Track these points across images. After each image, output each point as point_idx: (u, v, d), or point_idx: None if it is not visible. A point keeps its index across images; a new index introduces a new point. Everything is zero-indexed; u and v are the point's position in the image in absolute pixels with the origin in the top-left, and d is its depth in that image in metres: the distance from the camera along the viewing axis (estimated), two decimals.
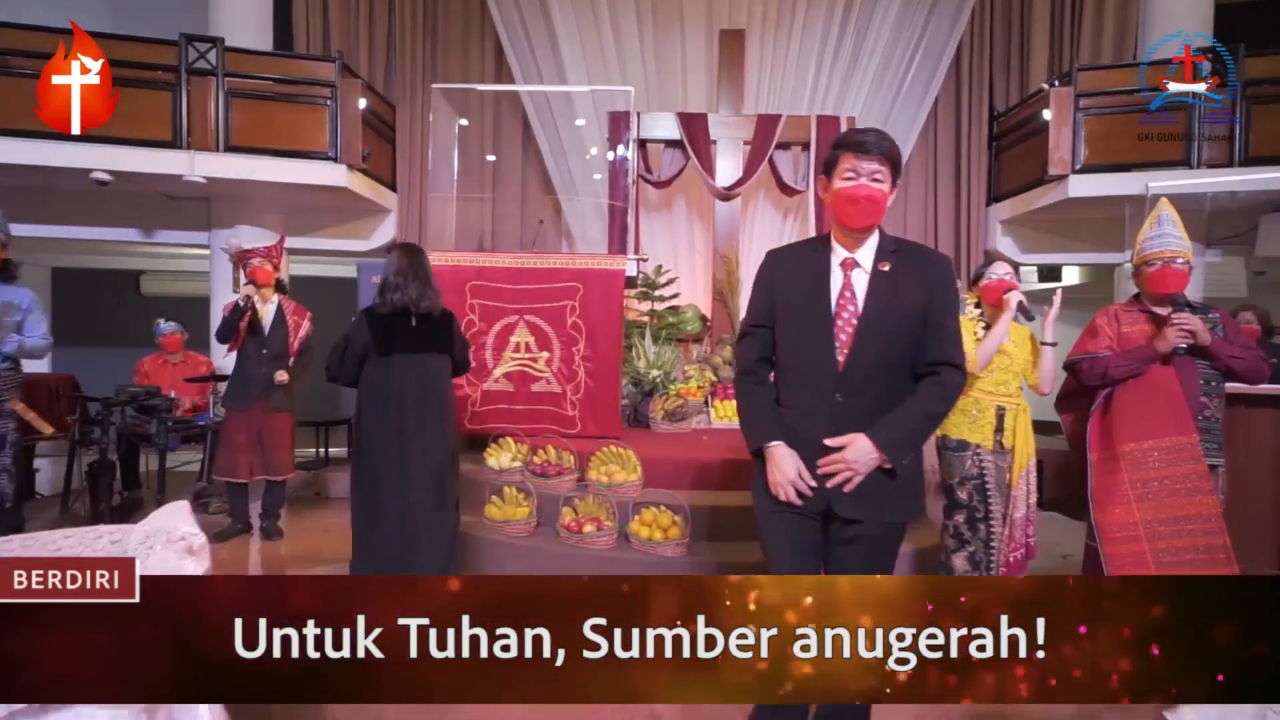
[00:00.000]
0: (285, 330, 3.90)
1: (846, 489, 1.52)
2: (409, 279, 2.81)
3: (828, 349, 1.55)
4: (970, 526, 2.52)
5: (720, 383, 5.15)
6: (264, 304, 3.88)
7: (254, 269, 3.86)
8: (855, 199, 1.54)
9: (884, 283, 1.59)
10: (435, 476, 2.80)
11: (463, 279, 4.05)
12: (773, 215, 6.23)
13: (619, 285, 4.03)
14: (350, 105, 5.04)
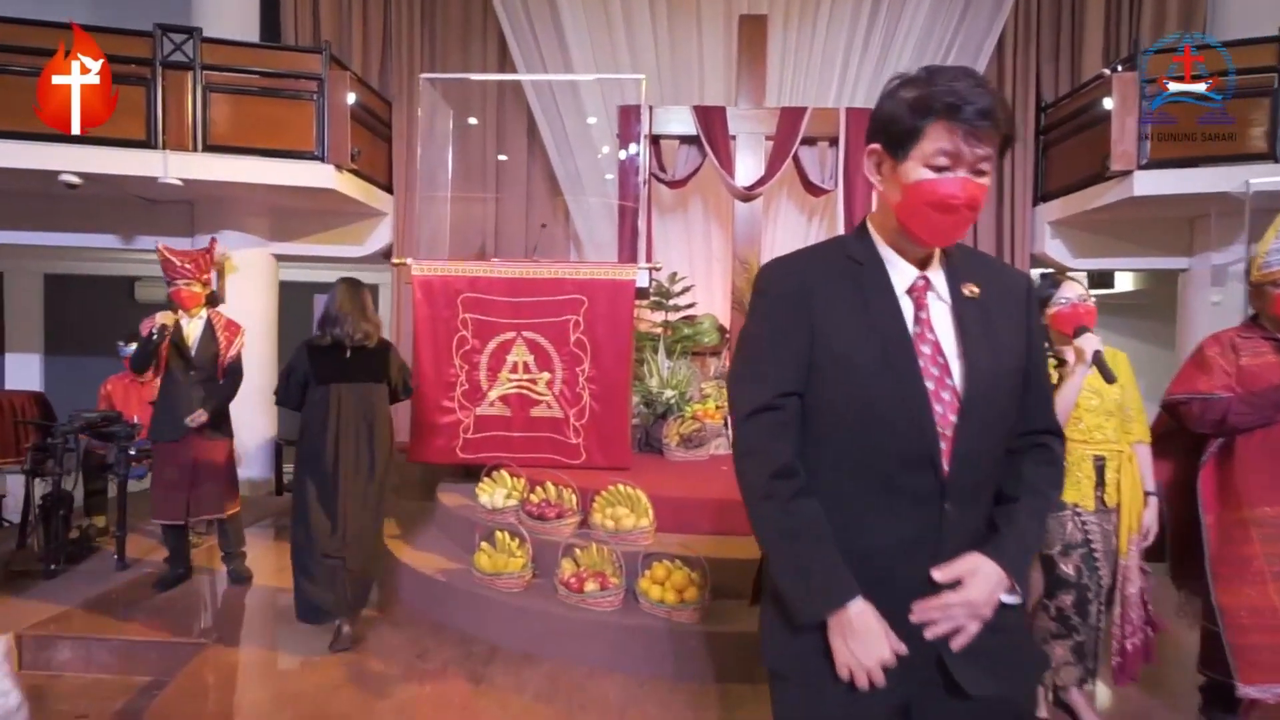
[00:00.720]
0: (215, 348, 3.47)
1: (957, 645, 0.99)
2: (347, 314, 2.96)
3: (923, 432, 0.99)
4: (1080, 610, 2.03)
5: None
6: (190, 320, 3.47)
7: (177, 292, 3.43)
8: (951, 203, 0.96)
9: (977, 317, 1.04)
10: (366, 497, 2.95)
11: (454, 291, 3.63)
12: (797, 217, 5.76)
13: (629, 297, 3.59)
14: (338, 100, 4.63)
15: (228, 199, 5.19)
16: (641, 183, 4.64)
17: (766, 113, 5.18)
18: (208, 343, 3.46)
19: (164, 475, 3.36)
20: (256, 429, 5.36)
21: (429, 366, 3.67)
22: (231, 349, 3.51)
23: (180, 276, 3.41)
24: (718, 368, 5.03)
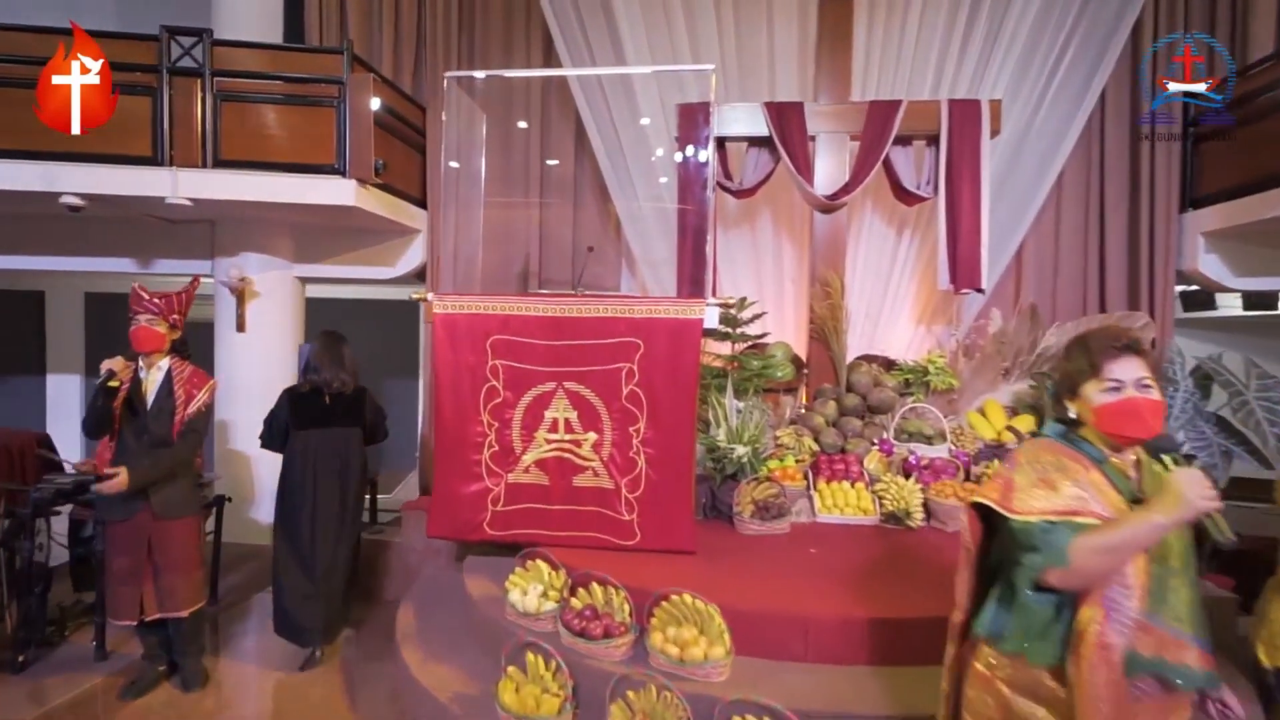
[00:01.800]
0: (172, 405, 2.92)
1: None
2: (325, 364, 3.32)
3: None
4: None
5: (824, 453, 3.94)
6: (148, 370, 2.93)
7: (135, 330, 2.90)
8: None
9: None
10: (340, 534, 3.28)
11: (482, 332, 3.00)
12: (884, 230, 4.95)
13: (694, 341, 2.89)
14: (361, 106, 4.09)
15: (250, 219, 4.73)
16: (709, 194, 3.92)
17: (852, 108, 4.41)
18: (164, 398, 2.92)
19: (116, 564, 2.83)
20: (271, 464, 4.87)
21: (451, 422, 3.05)
22: (191, 404, 2.96)
23: (144, 311, 2.88)
24: (793, 409, 4.28)
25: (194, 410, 3.01)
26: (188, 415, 2.98)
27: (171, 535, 2.92)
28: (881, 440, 3.94)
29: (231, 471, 4.80)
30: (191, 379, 3.05)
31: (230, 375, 4.81)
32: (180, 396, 2.98)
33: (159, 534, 2.88)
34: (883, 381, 4.25)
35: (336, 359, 3.30)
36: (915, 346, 4.98)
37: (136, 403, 2.92)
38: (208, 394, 3.08)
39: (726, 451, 3.47)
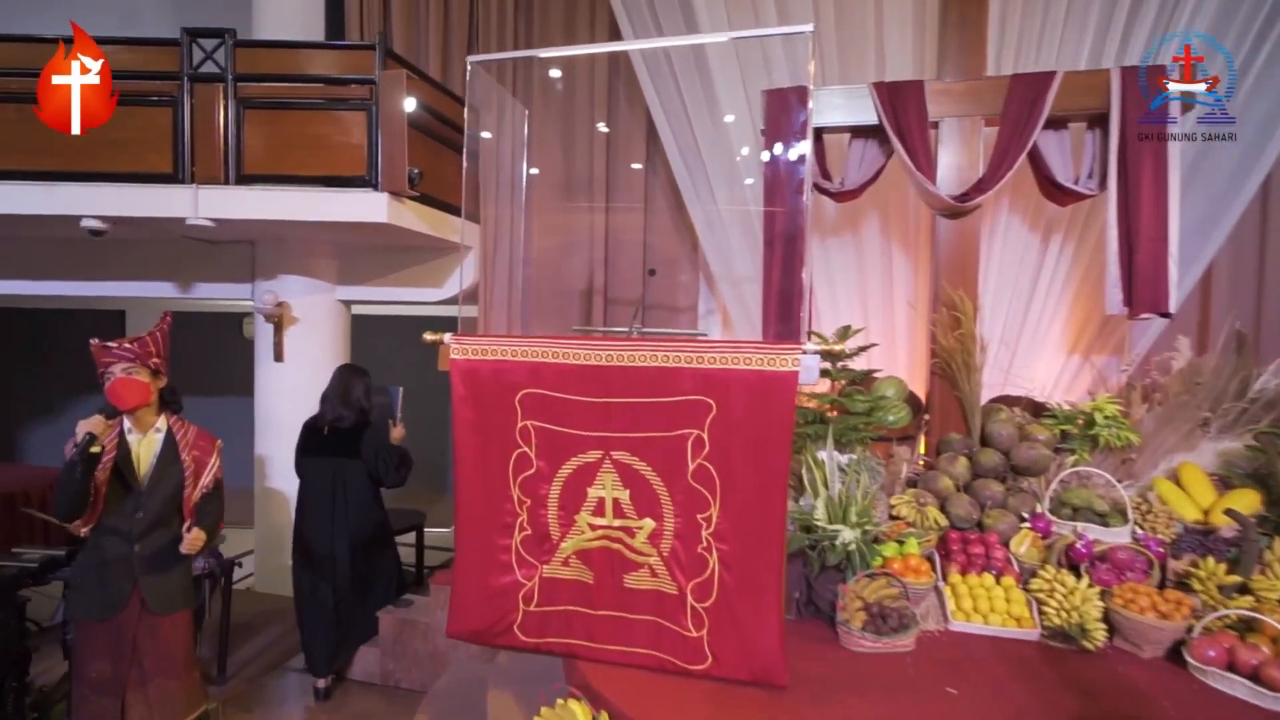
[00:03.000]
0: (176, 476, 2.40)
1: None
2: (333, 397, 3.58)
3: None
4: None
5: (955, 529, 3.04)
6: (140, 435, 2.42)
7: (112, 385, 2.40)
8: None
9: None
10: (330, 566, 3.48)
11: (510, 385, 2.34)
12: (1024, 235, 3.97)
13: (786, 401, 2.11)
14: (394, 106, 3.55)
15: (289, 238, 4.32)
16: (804, 200, 3.13)
17: (988, 84, 3.49)
18: (167, 466, 2.42)
19: (92, 670, 2.34)
20: None
21: (475, 497, 2.41)
22: (205, 474, 2.46)
23: (115, 360, 2.40)
24: (908, 466, 3.39)
25: (209, 481, 2.54)
26: (202, 488, 2.51)
27: (165, 633, 2.43)
28: (1035, 516, 3.01)
29: (268, 513, 4.40)
30: (198, 442, 2.57)
31: (268, 408, 4.41)
32: (189, 465, 2.50)
33: (148, 632, 2.40)
34: (1031, 433, 3.30)
35: (342, 393, 3.55)
36: (1065, 384, 3.97)
37: (128, 473, 2.46)
38: (218, 459, 2.60)
39: (827, 535, 2.66)
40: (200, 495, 2.48)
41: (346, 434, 3.51)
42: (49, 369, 7.41)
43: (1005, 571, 2.80)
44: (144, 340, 2.51)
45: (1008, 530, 3.01)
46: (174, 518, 2.48)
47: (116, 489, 2.44)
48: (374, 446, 3.54)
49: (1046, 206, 3.88)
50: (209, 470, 2.50)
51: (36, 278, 4.36)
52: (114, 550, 2.35)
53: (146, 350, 2.50)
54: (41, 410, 7.49)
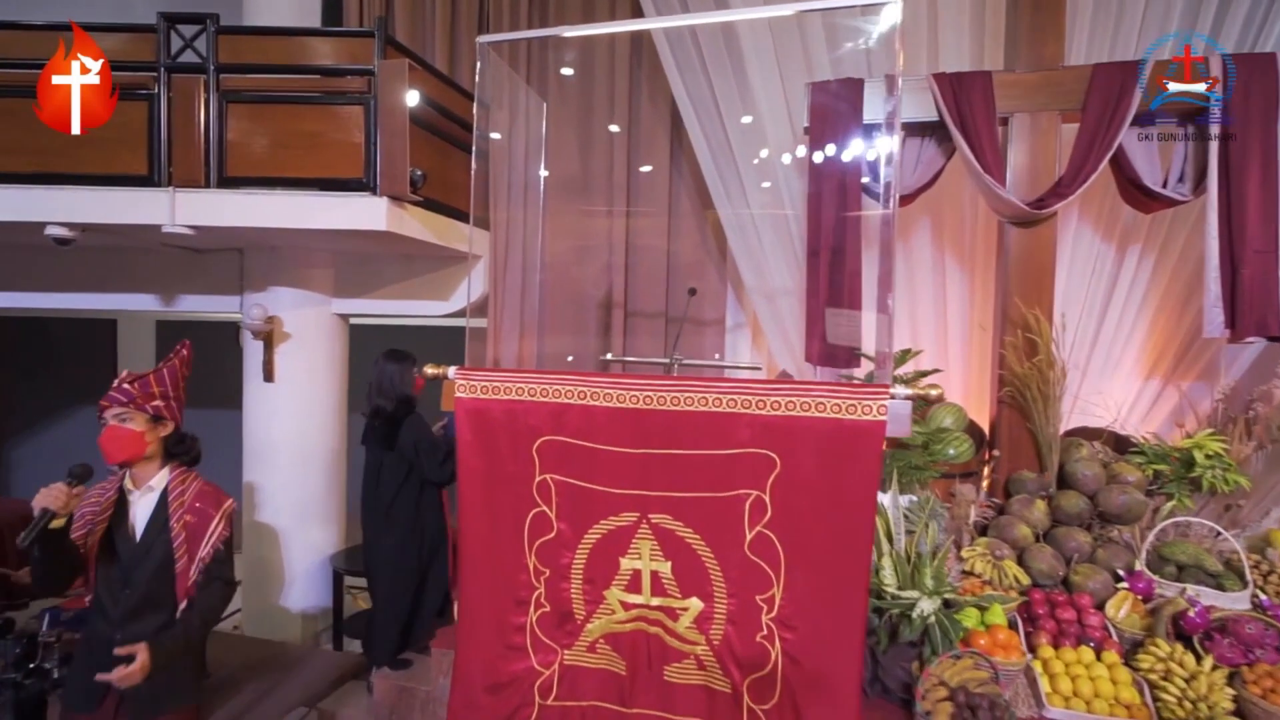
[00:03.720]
0: (163, 546, 2.02)
1: None
2: (371, 386, 3.39)
3: None
4: None
5: (1041, 588, 2.62)
6: (137, 492, 2.04)
7: (101, 436, 2.04)
8: None
9: None
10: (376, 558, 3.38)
11: (526, 429, 1.94)
12: (1100, 247, 3.55)
13: (870, 457, 1.70)
14: (394, 100, 3.16)
15: (280, 246, 3.95)
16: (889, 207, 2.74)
17: (1067, 75, 3.07)
18: (155, 533, 2.04)
19: None
20: (304, 541, 4.06)
21: (481, 565, 2.01)
22: (203, 543, 2.08)
23: (111, 404, 2.04)
24: (978, 510, 2.97)
25: (208, 552, 2.13)
26: (200, 560, 2.11)
27: None
28: (1132, 574, 2.59)
29: (257, 548, 4.02)
30: (197, 502, 2.17)
31: (257, 433, 4.03)
32: (178, 533, 2.10)
33: None
34: (1119, 473, 2.88)
35: (376, 381, 3.36)
36: (1141, 413, 3.54)
37: (119, 540, 2.08)
38: (224, 523, 2.19)
39: (900, 605, 2.24)
40: (199, 571, 2.07)
41: (385, 423, 3.31)
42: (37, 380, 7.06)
43: (1105, 644, 2.37)
44: (146, 380, 2.13)
45: (1100, 590, 2.59)
46: (167, 598, 2.08)
47: (105, 559, 2.07)
48: (413, 436, 3.29)
49: (1121, 213, 3.47)
50: (208, 538, 2.09)
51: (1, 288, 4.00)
52: (97, 633, 1.98)
53: (147, 391, 2.12)
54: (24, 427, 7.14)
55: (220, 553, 2.11)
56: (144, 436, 2.13)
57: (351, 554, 4.13)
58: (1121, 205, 3.42)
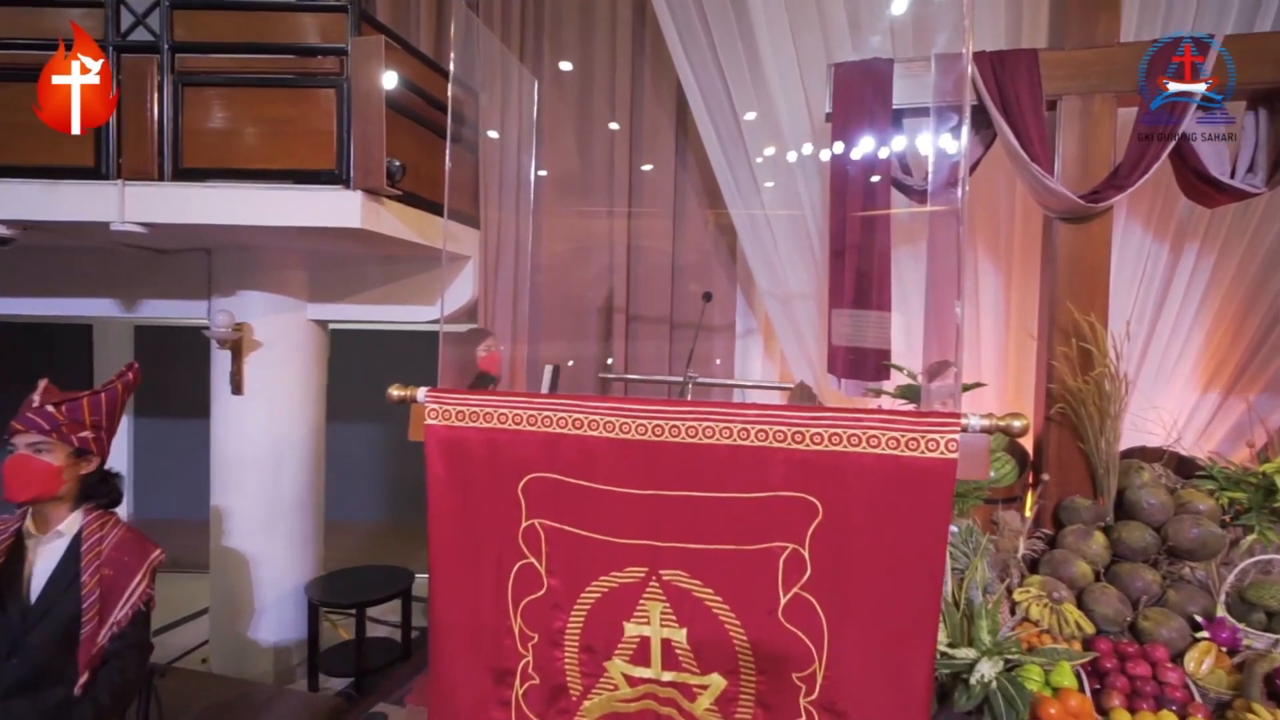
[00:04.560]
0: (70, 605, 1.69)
1: None
2: None
3: None
4: None
5: (1105, 635, 2.27)
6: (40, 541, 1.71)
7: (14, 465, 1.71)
8: None
9: None
10: None
11: (511, 464, 1.60)
12: (1152, 245, 3.21)
13: (940, 501, 1.36)
14: (369, 83, 2.83)
15: (253, 247, 3.61)
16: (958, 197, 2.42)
17: (1123, 52, 2.74)
18: (60, 590, 1.70)
19: None
20: (277, 568, 3.72)
21: (456, 626, 1.68)
22: (121, 606, 1.74)
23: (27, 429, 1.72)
24: (1022, 540, 2.62)
25: (125, 614, 1.77)
26: (114, 624, 1.76)
27: None
28: (1213, 621, 2.25)
29: (226, 576, 3.68)
30: (116, 553, 1.81)
31: (226, 452, 3.69)
32: (91, 589, 1.74)
33: None
34: (1189, 502, 2.54)
35: None
36: (1197, 427, 3.21)
37: (8, 596, 1.74)
38: (148, 579, 1.84)
39: (951, 666, 1.90)
40: (111, 637, 1.72)
41: None
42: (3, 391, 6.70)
43: (1189, 707, 2.03)
44: (77, 405, 1.79)
45: (1176, 640, 2.25)
46: (67, 670, 1.73)
47: None
48: None
49: (1175, 207, 3.14)
50: (127, 598, 1.73)
51: None
52: None
53: (76, 419, 1.78)
54: None
55: (140, 614, 1.77)
56: (61, 473, 1.79)
57: (330, 581, 3.79)
58: (1175, 198, 3.09)
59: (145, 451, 6.91)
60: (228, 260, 3.70)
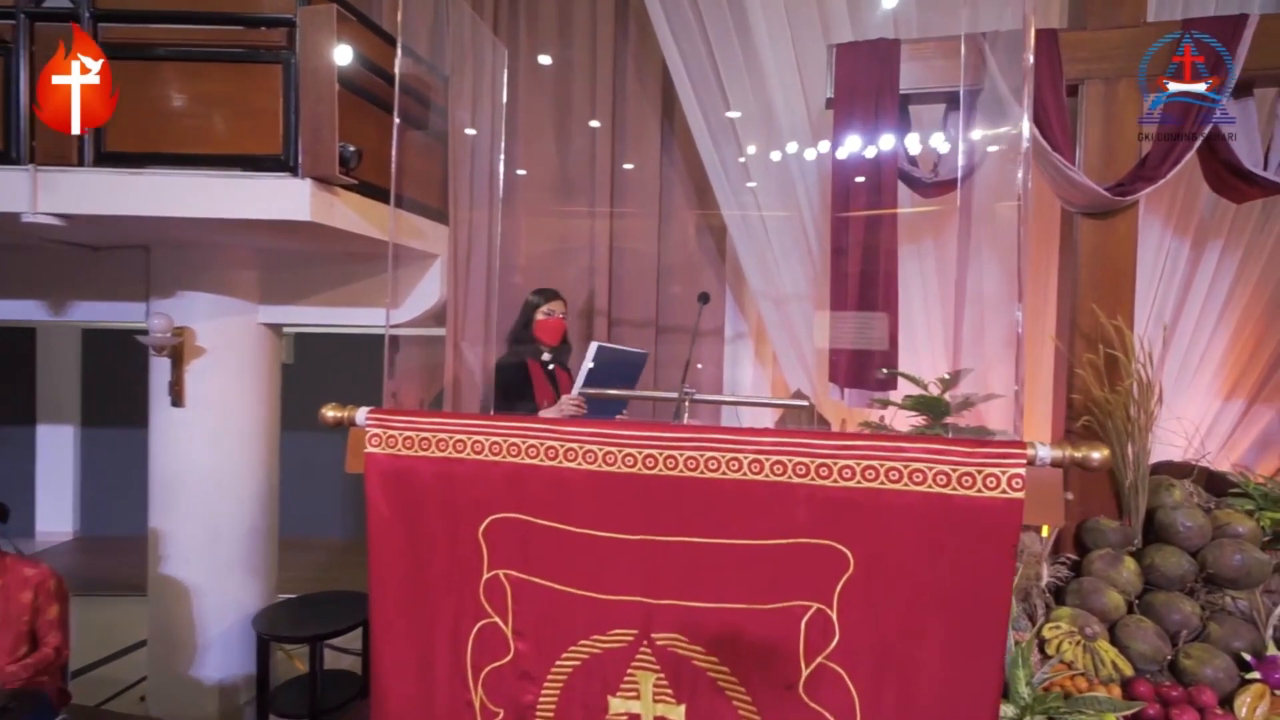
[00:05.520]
0: None
1: None
2: None
3: None
4: None
5: (1143, 678, 2.03)
6: None
7: None
8: None
9: None
10: None
11: (469, 504, 1.31)
12: (1171, 242, 3.00)
13: (1002, 550, 1.10)
14: (318, 58, 2.52)
15: (196, 243, 3.27)
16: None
17: (1152, 34, 2.51)
18: None
19: None
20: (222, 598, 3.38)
21: (400, 695, 1.37)
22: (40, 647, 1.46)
23: None
24: (1051, 568, 2.38)
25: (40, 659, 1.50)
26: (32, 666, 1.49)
27: None
28: (1264, 659, 2.02)
29: (164, 605, 3.33)
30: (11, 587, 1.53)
31: (166, 469, 3.35)
32: None
33: None
34: (1227, 524, 2.31)
35: None
36: (1219, 437, 3.00)
37: None
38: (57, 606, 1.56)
39: None
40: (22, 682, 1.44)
41: None
42: None
43: None
44: None
45: (1223, 680, 2.02)
46: None
47: None
48: None
49: (1198, 202, 2.93)
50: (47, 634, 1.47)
51: None
52: None
53: None
54: None
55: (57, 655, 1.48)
56: None
57: (282, 611, 3.45)
58: (1197, 193, 2.89)
59: (92, 464, 6.48)
60: (167, 258, 3.36)
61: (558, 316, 2.88)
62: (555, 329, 2.87)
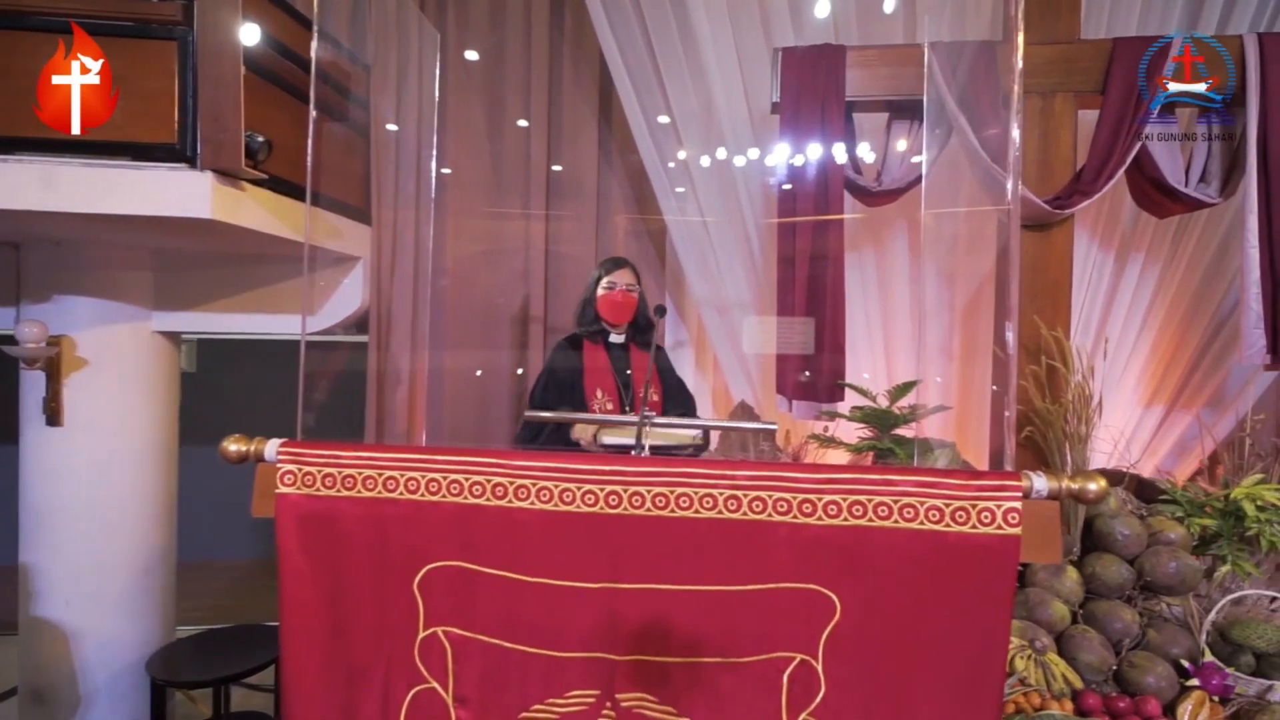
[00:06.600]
0: None
1: None
2: None
3: None
4: None
5: (1092, 690, 2.04)
6: None
7: None
8: None
9: None
10: None
11: (401, 554, 1.13)
12: (1097, 255, 3.10)
13: (1000, 591, 1.01)
14: (219, 36, 2.24)
15: (72, 241, 2.89)
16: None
17: (1086, 52, 2.57)
18: None
19: None
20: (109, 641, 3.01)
21: None
22: None
23: None
24: None
25: None
26: None
27: None
28: (1201, 666, 2.06)
29: (38, 656, 2.92)
30: None
31: (39, 496, 2.94)
32: None
33: None
34: (1160, 531, 2.37)
35: None
36: (1138, 447, 3.12)
37: None
38: None
39: None
40: None
41: None
42: None
43: None
44: None
45: (1165, 688, 2.05)
46: None
47: None
48: None
49: (1121, 216, 3.04)
50: None
51: None
52: None
53: None
54: None
55: None
56: None
57: (181, 651, 3.09)
58: (1120, 206, 3.00)
59: None
60: (41, 258, 2.96)
61: (621, 289, 2.44)
62: (620, 305, 2.43)
